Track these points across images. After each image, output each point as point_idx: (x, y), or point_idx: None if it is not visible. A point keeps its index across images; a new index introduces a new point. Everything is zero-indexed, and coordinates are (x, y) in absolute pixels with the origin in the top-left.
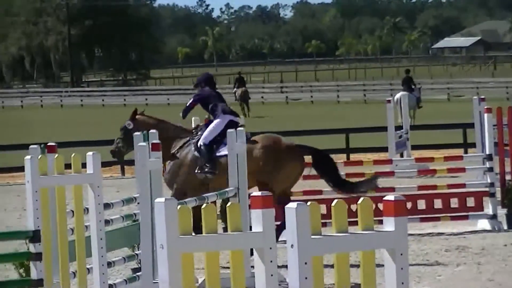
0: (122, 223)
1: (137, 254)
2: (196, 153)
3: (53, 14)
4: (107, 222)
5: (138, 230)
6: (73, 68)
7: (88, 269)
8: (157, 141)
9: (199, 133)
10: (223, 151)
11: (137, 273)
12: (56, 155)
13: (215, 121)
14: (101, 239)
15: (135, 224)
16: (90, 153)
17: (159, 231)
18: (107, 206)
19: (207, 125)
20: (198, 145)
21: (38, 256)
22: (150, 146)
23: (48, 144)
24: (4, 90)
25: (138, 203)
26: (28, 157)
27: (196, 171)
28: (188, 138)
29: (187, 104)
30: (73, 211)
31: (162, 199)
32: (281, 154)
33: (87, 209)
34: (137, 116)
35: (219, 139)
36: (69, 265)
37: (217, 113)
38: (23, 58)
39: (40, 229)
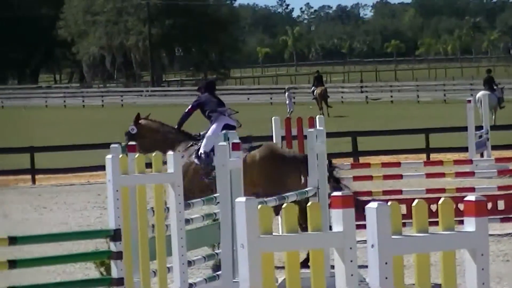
0: (202, 222)
1: (217, 253)
2: (196, 160)
3: (134, 13)
4: (187, 221)
5: (218, 229)
6: (154, 68)
7: (168, 268)
8: (238, 140)
9: (201, 140)
10: None
11: (217, 272)
12: (137, 154)
13: (211, 129)
14: (181, 238)
15: (215, 224)
16: (171, 152)
17: (239, 231)
18: (187, 205)
19: (213, 123)
20: (199, 153)
21: (118, 255)
22: (231, 146)
23: (129, 143)
24: (85, 90)
25: (218, 202)
26: (109, 156)
27: (202, 177)
28: (191, 143)
29: (186, 111)
30: (153, 210)
31: (243, 199)
32: (278, 166)
33: (168, 208)
34: (140, 121)
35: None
36: (150, 263)
37: (212, 119)
38: (104, 57)
39: (121, 228)
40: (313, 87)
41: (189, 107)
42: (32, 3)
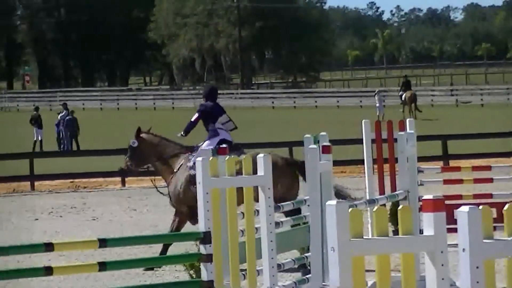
0: (291, 225)
1: (306, 257)
2: (192, 171)
3: (224, 16)
4: (277, 224)
5: (308, 232)
6: (243, 70)
7: (258, 270)
8: (328, 143)
9: (194, 151)
10: None
11: (307, 276)
12: (227, 157)
13: (206, 143)
14: (271, 241)
15: (304, 227)
16: (261, 154)
17: (330, 234)
18: (277, 208)
19: (206, 139)
20: (193, 164)
21: (208, 258)
22: (321, 149)
23: (220, 146)
24: (175, 92)
25: (308, 205)
26: (199, 158)
27: (193, 186)
28: (187, 155)
29: (192, 120)
30: (243, 213)
31: (334, 202)
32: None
33: (257, 211)
34: (141, 135)
35: None
36: (239, 266)
37: (209, 133)
38: (194, 60)
39: (211, 231)
40: (401, 91)
41: (195, 115)
42: (123, 6)
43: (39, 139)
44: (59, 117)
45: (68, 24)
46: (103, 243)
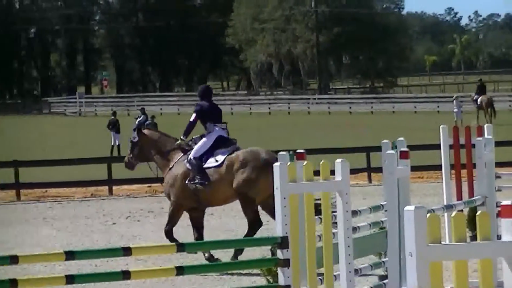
0: (369, 230)
1: (383, 262)
2: (188, 166)
3: (302, 21)
4: (354, 229)
5: (385, 237)
6: (321, 75)
7: (335, 276)
8: (406, 149)
9: (192, 147)
10: (208, 163)
11: (384, 281)
12: (305, 162)
13: (204, 138)
14: (348, 246)
15: (382, 232)
16: (339, 160)
17: (408, 239)
18: (354, 213)
19: (202, 136)
20: (189, 158)
21: (286, 262)
22: (399, 154)
23: (297, 151)
24: (252, 97)
25: (386, 210)
26: (277, 164)
27: (186, 181)
28: (185, 152)
29: (190, 120)
30: (320, 218)
31: (412, 207)
32: (258, 168)
33: (335, 216)
34: (143, 130)
35: (209, 152)
36: (317, 271)
37: (209, 129)
38: (271, 65)
39: (288, 236)
40: (475, 96)
41: (193, 116)
42: (201, 11)
43: (117, 143)
44: (136, 122)
45: (146, 29)
46: (181, 247)
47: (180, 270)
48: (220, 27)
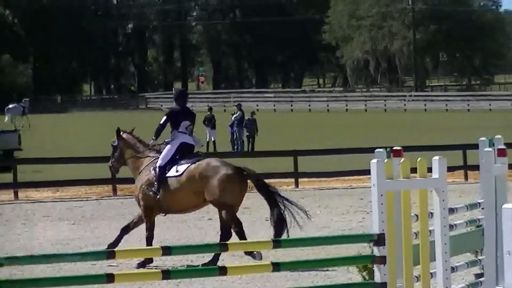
0: (465, 228)
1: (480, 260)
2: (152, 174)
3: (399, 18)
4: (451, 227)
5: (481, 235)
6: (417, 73)
7: (431, 273)
8: (503, 146)
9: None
10: (170, 173)
11: (480, 279)
12: (402, 159)
13: (168, 146)
14: (445, 243)
15: (478, 230)
16: (436, 157)
17: (505, 237)
18: (451, 211)
19: (167, 143)
20: (156, 166)
21: (382, 260)
22: (496, 152)
23: (394, 148)
24: (348, 94)
25: (482, 208)
26: (374, 160)
27: (145, 187)
28: (154, 158)
29: (160, 122)
30: (417, 215)
31: (510, 205)
32: (223, 179)
33: (431, 213)
34: (122, 134)
35: (174, 162)
36: (413, 269)
37: (173, 137)
38: (368, 62)
39: (385, 233)
40: None
41: (163, 118)
42: (298, 8)
43: (212, 139)
44: (232, 118)
45: (243, 25)
46: (277, 243)
47: (277, 266)
48: (317, 24)
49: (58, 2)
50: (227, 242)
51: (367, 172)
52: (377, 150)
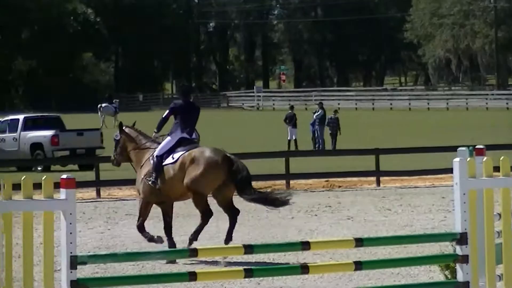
0: None
1: None
2: (151, 163)
3: (481, 17)
4: None
5: None
6: (499, 71)
7: None
8: None
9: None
10: (167, 161)
11: None
12: (485, 158)
13: (167, 138)
14: None
15: None
16: None
17: None
18: None
19: (168, 135)
20: (153, 156)
21: (464, 258)
22: None
23: (477, 147)
24: (430, 92)
25: None
26: (456, 159)
27: (144, 177)
28: (155, 150)
29: (163, 116)
30: (499, 214)
31: None
32: (205, 165)
33: None
34: (125, 128)
35: (170, 151)
36: (496, 268)
37: (172, 130)
38: (450, 60)
39: (467, 231)
40: None
41: (166, 112)
42: (380, 6)
43: (293, 138)
44: (314, 116)
45: (325, 24)
46: (359, 242)
47: (359, 265)
48: (399, 22)
49: (140, 1)
50: (309, 240)
51: (449, 170)
52: (459, 148)
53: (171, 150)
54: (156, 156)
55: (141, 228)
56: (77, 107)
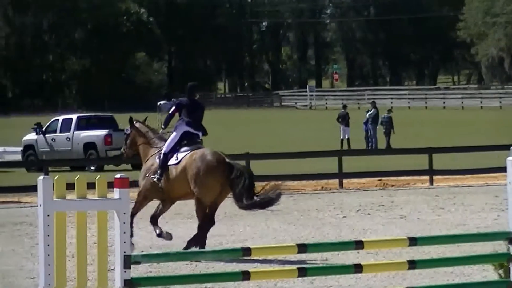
0: None
1: None
2: (157, 160)
3: None
4: None
5: None
6: None
7: None
8: None
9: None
10: (171, 161)
11: None
12: None
13: (173, 134)
14: None
15: None
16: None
17: None
18: None
19: (173, 130)
20: (161, 153)
21: None
22: None
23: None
24: (483, 91)
25: None
26: (510, 158)
27: (148, 174)
28: (162, 147)
29: (169, 112)
30: None
31: None
32: (203, 169)
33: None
34: (135, 123)
35: (175, 150)
36: None
37: (177, 125)
38: (503, 59)
39: None
40: None
41: (173, 109)
42: (433, 4)
43: (346, 137)
44: (367, 115)
45: (377, 23)
46: (413, 241)
47: (412, 264)
48: (452, 21)
49: (192, 0)
50: (362, 240)
51: (502, 169)
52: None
53: (176, 147)
54: (164, 153)
55: (132, 218)
56: (130, 107)
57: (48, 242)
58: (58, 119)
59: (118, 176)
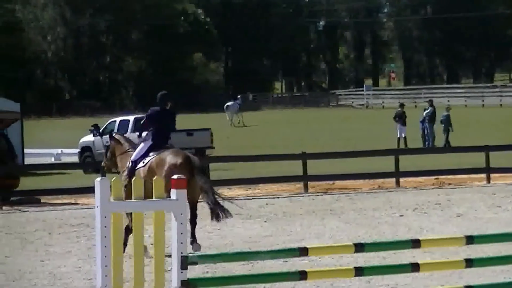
0: None
1: None
2: (125, 173)
3: None
4: None
5: None
6: None
7: None
8: None
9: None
10: (139, 165)
11: None
12: None
13: (141, 145)
14: None
15: None
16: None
17: None
18: None
19: (143, 140)
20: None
21: None
22: None
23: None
24: None
25: None
26: None
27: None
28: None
29: (142, 123)
30: None
31: None
32: (166, 171)
33: None
34: (114, 135)
35: (145, 155)
36: None
37: (146, 138)
38: None
39: None
40: None
41: (144, 120)
42: (489, 2)
43: (403, 136)
44: (424, 114)
45: (434, 21)
46: (470, 240)
47: (469, 263)
48: (508, 19)
49: (249, 1)
50: (419, 238)
51: None
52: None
53: (144, 155)
54: (132, 161)
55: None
56: (186, 108)
57: (105, 243)
58: (115, 121)
59: (175, 177)
